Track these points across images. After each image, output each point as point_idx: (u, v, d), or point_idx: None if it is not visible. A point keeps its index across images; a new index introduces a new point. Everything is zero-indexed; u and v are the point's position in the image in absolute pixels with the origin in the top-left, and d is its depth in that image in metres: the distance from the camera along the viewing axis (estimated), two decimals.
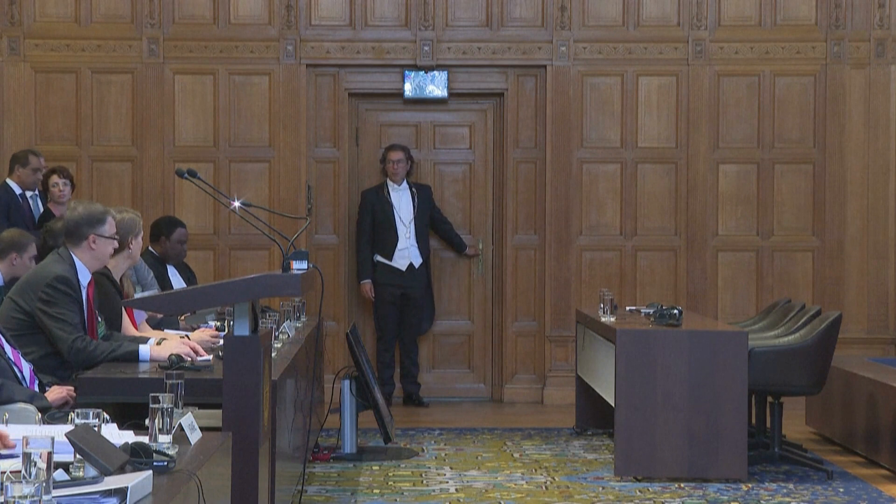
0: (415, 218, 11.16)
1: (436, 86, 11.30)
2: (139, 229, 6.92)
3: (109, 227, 6.38)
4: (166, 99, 11.09)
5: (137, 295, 7.47)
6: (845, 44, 11.28)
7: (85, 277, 6.32)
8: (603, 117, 11.32)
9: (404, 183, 11.17)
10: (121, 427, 4.09)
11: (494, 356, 11.53)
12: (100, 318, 6.50)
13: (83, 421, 3.64)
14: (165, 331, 7.25)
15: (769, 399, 8.39)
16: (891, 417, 8.20)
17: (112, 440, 3.64)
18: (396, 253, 11.16)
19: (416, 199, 11.18)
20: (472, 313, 11.59)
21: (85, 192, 10.72)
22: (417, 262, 11.18)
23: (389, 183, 11.16)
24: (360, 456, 8.63)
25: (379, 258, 11.19)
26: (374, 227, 11.17)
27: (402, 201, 11.17)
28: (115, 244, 6.46)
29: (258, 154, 11.19)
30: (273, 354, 5.85)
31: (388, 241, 11.16)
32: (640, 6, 11.29)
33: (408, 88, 11.30)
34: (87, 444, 3.42)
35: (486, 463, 8.56)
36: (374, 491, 7.63)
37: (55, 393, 5.68)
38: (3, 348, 5.66)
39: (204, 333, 6.75)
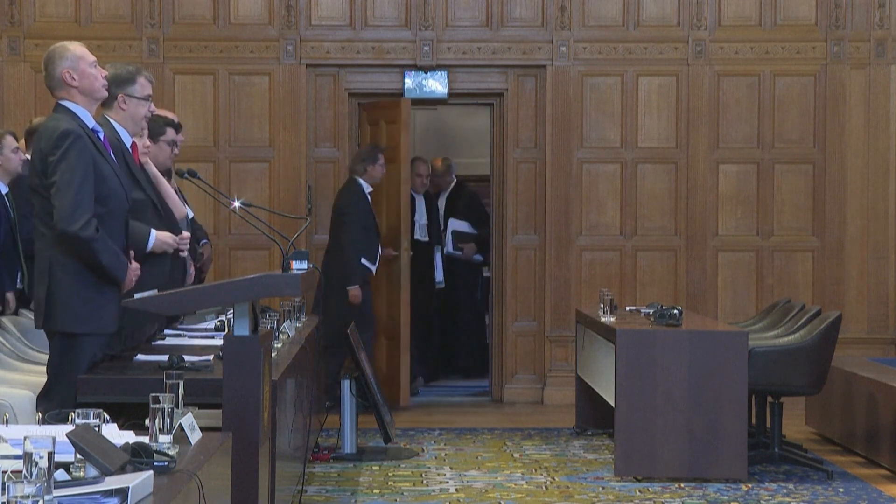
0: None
1: (436, 86, 11.30)
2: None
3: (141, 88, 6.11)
4: (166, 99, 11.07)
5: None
6: (845, 44, 11.27)
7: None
8: (603, 117, 11.31)
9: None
10: (121, 427, 4.09)
11: (494, 356, 11.52)
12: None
13: (83, 421, 3.64)
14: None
15: (769, 399, 8.39)
16: (891, 417, 8.20)
17: (112, 440, 3.64)
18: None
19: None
20: None
21: None
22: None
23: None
24: (360, 456, 8.63)
25: None
26: None
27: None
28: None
29: (258, 154, 11.19)
30: (273, 354, 5.85)
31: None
32: (640, 6, 11.28)
33: (408, 88, 11.30)
34: (87, 444, 3.42)
35: (486, 463, 8.56)
36: (374, 491, 7.63)
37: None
38: None
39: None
